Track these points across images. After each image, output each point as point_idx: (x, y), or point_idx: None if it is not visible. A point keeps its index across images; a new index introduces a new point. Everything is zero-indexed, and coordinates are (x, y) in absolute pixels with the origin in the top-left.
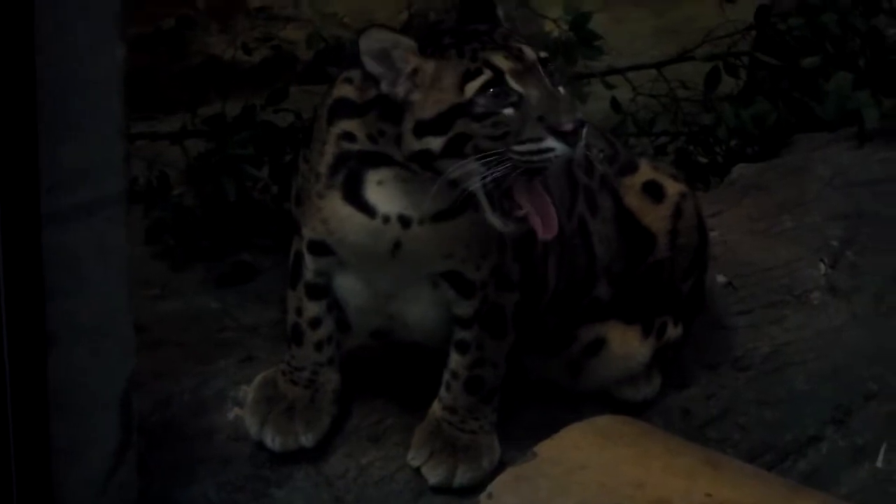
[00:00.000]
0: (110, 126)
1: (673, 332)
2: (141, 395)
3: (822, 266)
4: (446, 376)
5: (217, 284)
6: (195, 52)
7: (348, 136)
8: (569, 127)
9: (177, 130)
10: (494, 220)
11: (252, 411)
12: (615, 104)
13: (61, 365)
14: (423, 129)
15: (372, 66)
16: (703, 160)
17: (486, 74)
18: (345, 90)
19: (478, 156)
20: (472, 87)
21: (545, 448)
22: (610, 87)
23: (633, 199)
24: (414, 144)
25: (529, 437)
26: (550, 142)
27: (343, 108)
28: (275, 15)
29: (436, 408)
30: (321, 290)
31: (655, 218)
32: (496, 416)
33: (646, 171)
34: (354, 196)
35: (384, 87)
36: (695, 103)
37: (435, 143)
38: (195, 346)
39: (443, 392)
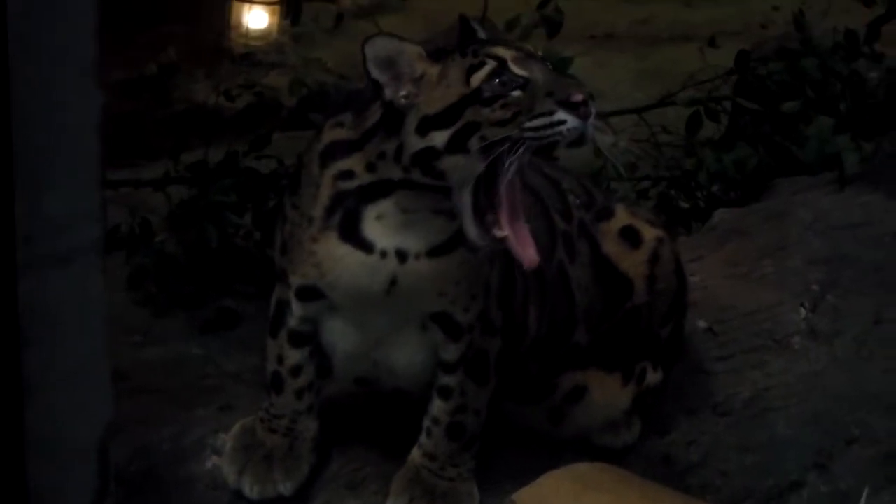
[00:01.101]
0: (88, 174)
1: (653, 377)
2: (120, 444)
3: (802, 310)
4: (427, 422)
5: (200, 331)
6: (179, 99)
7: (345, 175)
8: (579, 97)
9: (160, 177)
10: (472, 231)
11: (230, 460)
12: (597, 148)
13: (38, 414)
14: (428, 124)
15: (377, 72)
16: (685, 205)
17: (490, 64)
18: (335, 133)
19: (482, 145)
20: (477, 77)
21: (524, 495)
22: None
23: (610, 245)
24: (417, 143)
25: (508, 484)
26: (562, 114)
27: (337, 150)
28: (259, 61)
29: (415, 454)
30: (305, 338)
31: (633, 263)
32: (475, 462)
33: (622, 217)
34: (352, 234)
35: (388, 93)
36: (676, 148)
37: (440, 137)
38: (177, 393)
39: (423, 439)
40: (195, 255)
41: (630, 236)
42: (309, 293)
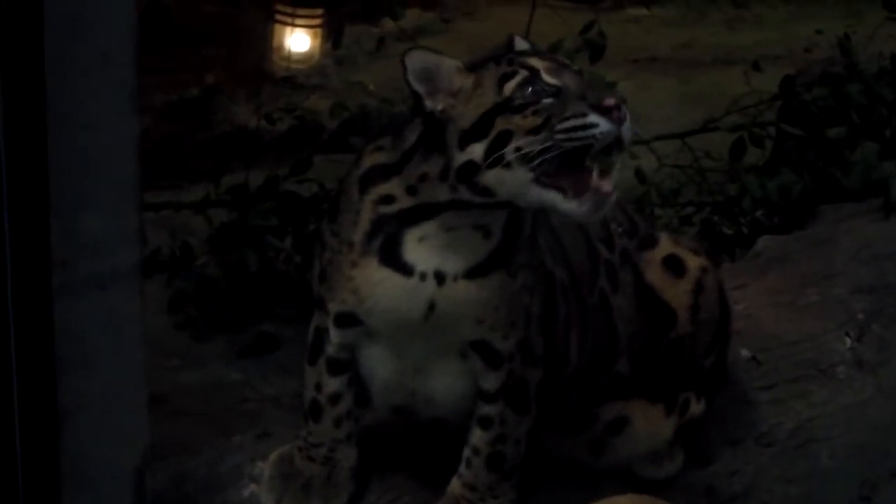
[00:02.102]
0: (124, 198)
1: (696, 407)
2: (157, 470)
3: (847, 339)
4: (467, 452)
5: (239, 355)
6: (220, 122)
7: (386, 200)
8: (611, 102)
9: (200, 200)
10: (570, 206)
11: (269, 488)
12: (640, 174)
13: (73, 440)
14: (465, 138)
15: (416, 84)
16: (728, 231)
17: (522, 73)
18: (374, 158)
19: (517, 155)
20: (509, 86)
21: None
22: (634, 157)
23: (654, 275)
24: (459, 159)
25: None
26: (594, 117)
27: (376, 174)
28: (300, 84)
29: (455, 485)
30: (343, 365)
31: (676, 293)
32: (516, 493)
33: (666, 246)
34: (392, 258)
35: (427, 104)
36: (720, 173)
37: (477, 149)
38: (215, 417)
39: (463, 469)
40: (235, 279)
41: (674, 265)
42: (347, 320)
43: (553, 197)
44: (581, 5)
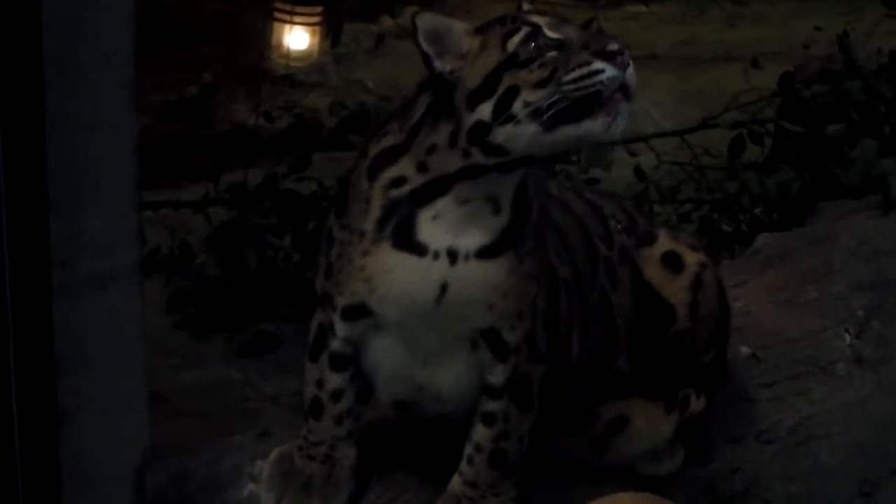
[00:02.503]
0: (124, 198)
1: (696, 405)
2: (157, 470)
3: (847, 336)
4: (469, 449)
5: (239, 354)
6: (219, 120)
7: (396, 182)
8: (614, 47)
9: (199, 198)
10: (598, 126)
11: (268, 487)
12: (639, 172)
13: (73, 440)
14: (473, 98)
15: (426, 44)
16: (728, 228)
17: (525, 29)
18: (382, 144)
19: (528, 110)
20: (513, 42)
21: None
22: (634, 154)
23: (652, 272)
24: (469, 120)
25: None
26: (599, 64)
27: (384, 158)
28: (299, 82)
29: (456, 482)
30: (346, 361)
31: (675, 290)
32: (517, 491)
33: (664, 242)
34: (406, 240)
35: (437, 64)
36: (719, 171)
37: (486, 108)
38: (215, 417)
39: (464, 466)
40: (234, 278)
41: (672, 262)
42: (356, 312)
43: (570, 130)
44: (580, 2)
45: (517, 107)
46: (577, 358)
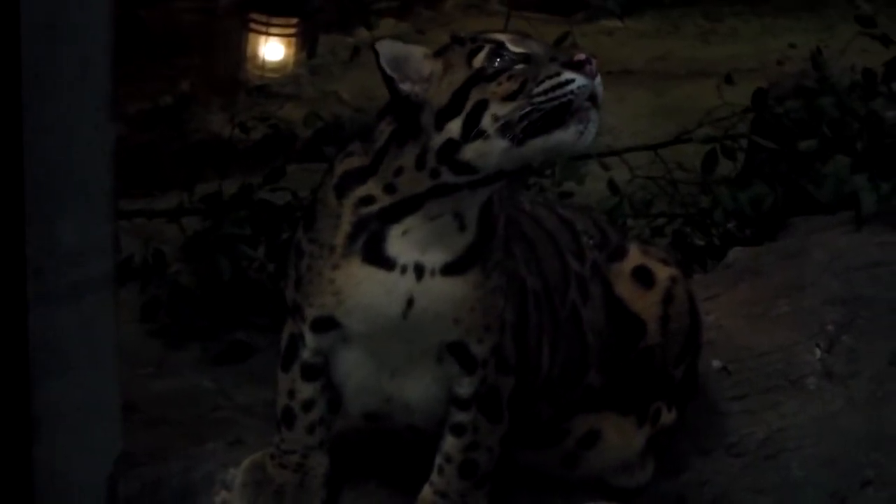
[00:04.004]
0: (100, 207)
1: (667, 417)
2: (131, 477)
3: (818, 351)
4: (439, 460)
5: (212, 363)
6: (194, 130)
7: (365, 201)
8: (583, 56)
9: (174, 208)
10: (569, 136)
11: (240, 495)
12: (612, 185)
13: (47, 448)
14: (442, 116)
15: (389, 69)
16: (700, 242)
17: (489, 46)
18: (347, 164)
19: (497, 125)
20: (478, 58)
21: None
22: (607, 168)
23: (623, 287)
24: (437, 140)
25: None
26: (569, 74)
27: (352, 178)
28: (274, 93)
29: (426, 492)
30: (317, 371)
31: (646, 304)
32: (488, 502)
33: (635, 257)
34: (375, 254)
35: (402, 86)
36: (692, 185)
37: (455, 126)
38: (187, 425)
39: (435, 476)
40: (208, 287)
41: (643, 277)
42: (324, 324)
43: (540, 142)
44: (555, 17)
45: (486, 122)
46: (548, 370)
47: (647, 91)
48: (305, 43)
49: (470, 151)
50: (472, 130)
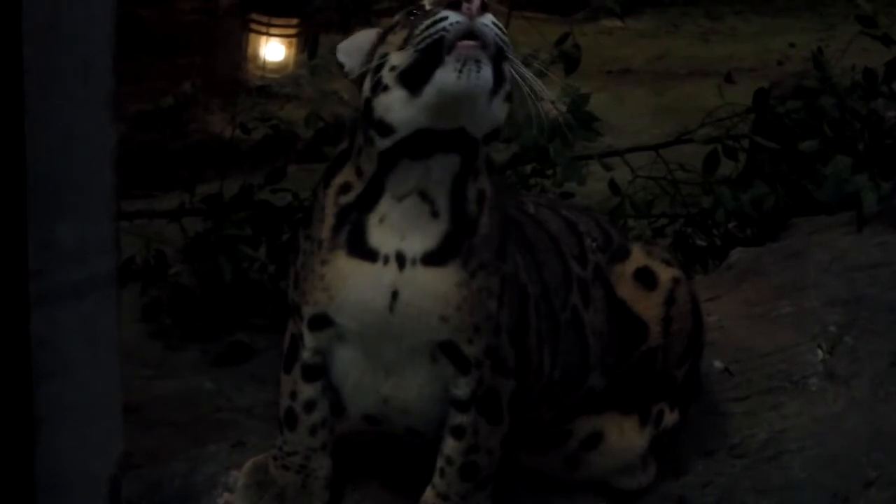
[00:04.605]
0: (102, 207)
1: (669, 418)
2: (133, 479)
3: (819, 352)
4: (440, 462)
5: (213, 364)
6: (194, 131)
7: (343, 189)
8: None
9: (175, 208)
10: (449, 74)
11: (242, 497)
12: (614, 186)
13: (49, 449)
14: (360, 79)
15: (342, 56)
16: (702, 243)
17: (407, 8)
18: (336, 151)
19: (395, 75)
20: (394, 19)
21: None
22: (608, 168)
23: (625, 288)
24: (362, 102)
25: None
26: (444, 12)
27: (335, 164)
28: (275, 93)
29: (428, 494)
30: (317, 371)
31: (648, 306)
32: (489, 503)
33: (637, 258)
34: (359, 246)
35: (346, 68)
36: (693, 185)
37: (367, 84)
38: (189, 427)
39: (436, 478)
40: (209, 288)
41: (645, 278)
42: (320, 322)
43: (429, 87)
44: (555, 17)
45: (385, 73)
46: (549, 373)
47: (647, 90)
48: (306, 43)
49: (379, 107)
50: (377, 84)
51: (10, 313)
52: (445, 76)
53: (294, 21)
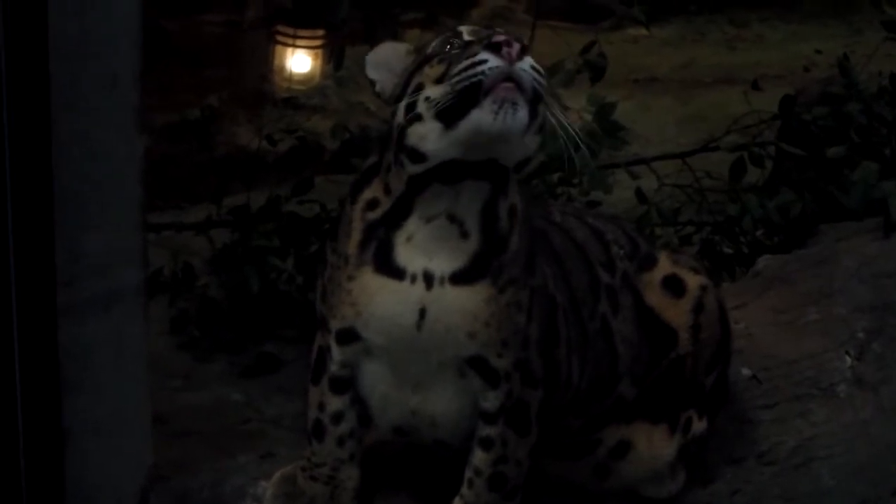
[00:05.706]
0: (129, 219)
1: (698, 426)
2: (161, 490)
3: (848, 358)
4: (469, 473)
5: (241, 376)
6: (221, 143)
7: (371, 205)
8: (500, 38)
9: (202, 220)
10: (485, 115)
11: None
12: (640, 194)
13: (77, 461)
14: (394, 103)
15: (372, 71)
16: (729, 251)
17: (445, 34)
18: (366, 164)
19: (433, 108)
20: (430, 46)
21: None
22: (635, 177)
23: (653, 296)
24: (394, 128)
25: None
26: (484, 55)
27: (364, 178)
28: (301, 105)
29: None
30: (345, 384)
31: (676, 313)
32: None
33: (665, 265)
34: (385, 264)
35: (378, 86)
36: (720, 193)
37: (401, 110)
38: (217, 438)
39: (464, 489)
40: (237, 300)
41: (673, 286)
42: (347, 336)
43: (464, 123)
44: (580, 26)
45: (421, 104)
46: (578, 383)
47: (673, 99)
48: (332, 55)
49: (412, 136)
50: (411, 113)
51: (38, 325)
52: (482, 116)
53: (320, 33)
